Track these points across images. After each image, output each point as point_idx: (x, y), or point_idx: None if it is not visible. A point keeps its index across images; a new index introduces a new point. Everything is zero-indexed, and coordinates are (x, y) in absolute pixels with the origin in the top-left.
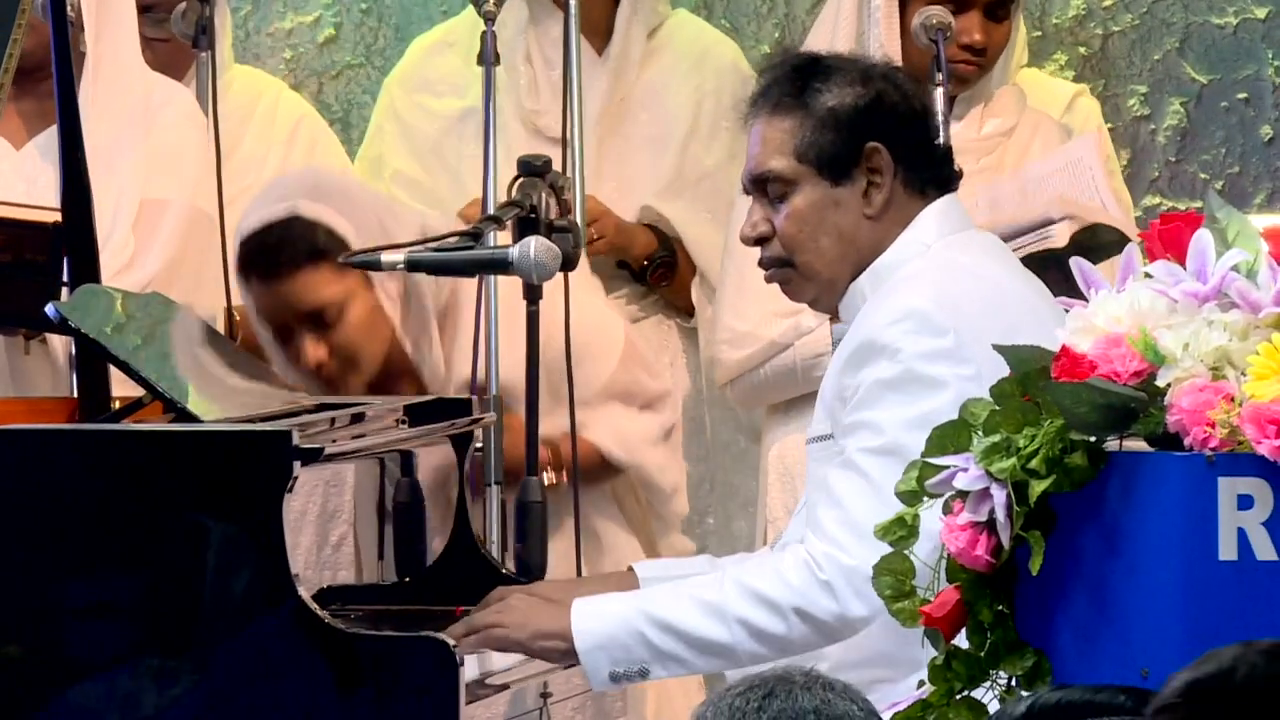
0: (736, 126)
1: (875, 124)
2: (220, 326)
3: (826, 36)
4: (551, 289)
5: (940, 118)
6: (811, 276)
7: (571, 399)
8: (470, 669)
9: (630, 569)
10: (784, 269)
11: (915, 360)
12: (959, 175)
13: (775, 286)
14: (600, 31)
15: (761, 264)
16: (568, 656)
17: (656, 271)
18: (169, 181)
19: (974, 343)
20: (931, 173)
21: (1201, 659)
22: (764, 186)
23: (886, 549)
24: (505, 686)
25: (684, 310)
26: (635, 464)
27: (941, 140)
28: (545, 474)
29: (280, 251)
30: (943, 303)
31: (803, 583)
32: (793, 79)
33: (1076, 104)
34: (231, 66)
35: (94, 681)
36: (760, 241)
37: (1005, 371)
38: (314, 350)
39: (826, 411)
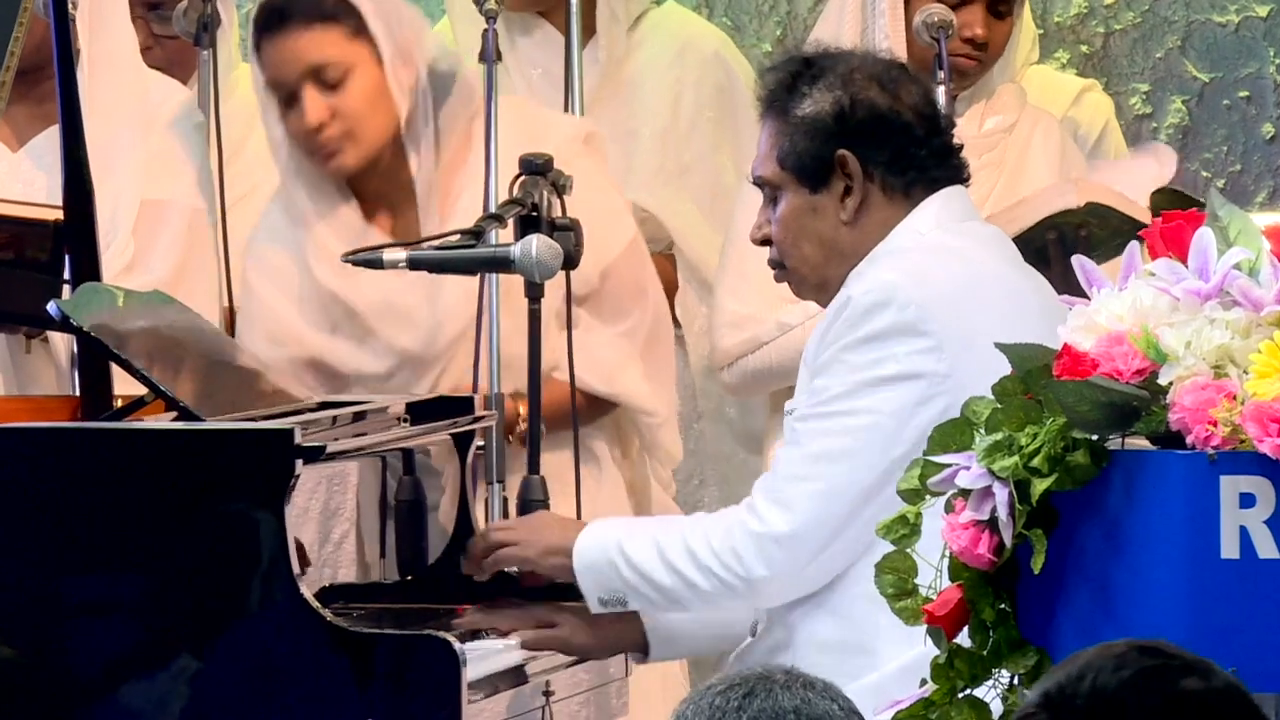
0: (720, 115)
1: (845, 131)
2: (219, 326)
3: (831, 33)
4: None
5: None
6: (802, 280)
7: (573, 384)
8: (473, 668)
9: None
10: (782, 270)
11: (870, 333)
12: (963, 168)
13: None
14: (582, 29)
15: (769, 264)
16: (571, 574)
17: None
18: (167, 182)
19: (938, 316)
20: (917, 174)
21: (1064, 662)
22: (763, 190)
23: (798, 513)
24: (508, 685)
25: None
26: (614, 393)
27: (942, 138)
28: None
29: (290, 10)
30: (912, 276)
31: (719, 545)
32: (784, 82)
33: (1084, 99)
34: (238, 65)
35: (95, 679)
36: (766, 242)
37: (970, 343)
38: (315, 108)
39: (809, 377)
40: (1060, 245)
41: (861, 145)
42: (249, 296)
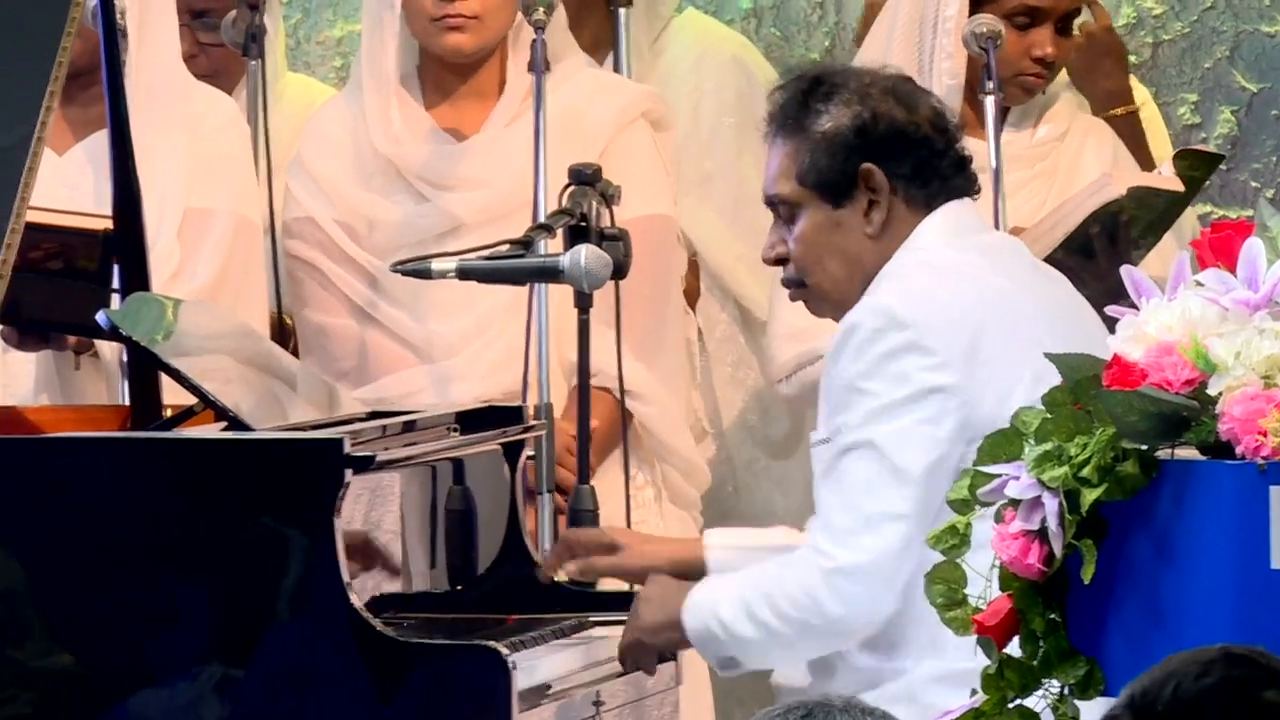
0: (741, 121)
1: (869, 145)
2: (268, 335)
3: (878, 55)
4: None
5: (991, 126)
6: (824, 297)
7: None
8: (523, 677)
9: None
10: (801, 289)
11: (879, 356)
12: (976, 179)
13: None
14: (603, 44)
15: (783, 283)
16: (685, 646)
17: None
18: (212, 190)
19: (938, 332)
20: (940, 185)
21: (1158, 664)
22: (777, 209)
23: (861, 545)
24: (558, 695)
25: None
26: (605, 384)
27: (956, 149)
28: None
29: None
30: (907, 297)
31: (794, 589)
32: (796, 100)
33: None
34: (285, 75)
35: (144, 687)
36: (780, 262)
37: (973, 356)
38: None
39: (828, 409)
40: (1104, 236)
41: (884, 158)
42: (297, 168)
